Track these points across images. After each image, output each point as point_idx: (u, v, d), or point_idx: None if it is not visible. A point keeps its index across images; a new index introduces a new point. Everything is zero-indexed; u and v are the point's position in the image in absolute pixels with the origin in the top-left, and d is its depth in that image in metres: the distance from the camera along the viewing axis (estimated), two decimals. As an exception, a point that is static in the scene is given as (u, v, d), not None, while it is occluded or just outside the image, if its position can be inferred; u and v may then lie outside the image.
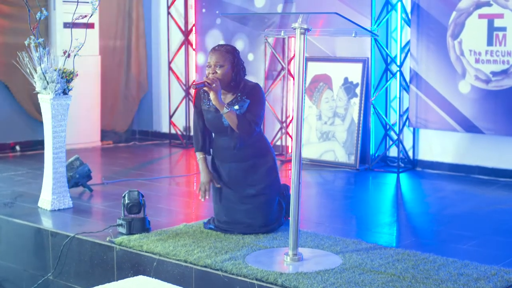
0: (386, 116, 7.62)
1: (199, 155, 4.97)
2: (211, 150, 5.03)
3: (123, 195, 4.97)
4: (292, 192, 4.27)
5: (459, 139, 7.20)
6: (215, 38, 8.81)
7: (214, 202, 4.99)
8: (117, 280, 3.83)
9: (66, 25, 8.56)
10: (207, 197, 4.90)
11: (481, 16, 6.85)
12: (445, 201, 6.07)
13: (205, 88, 4.68)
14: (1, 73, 8.50)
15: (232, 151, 4.86)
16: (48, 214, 5.53)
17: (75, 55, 5.57)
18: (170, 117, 9.36)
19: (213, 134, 5.00)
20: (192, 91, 9.16)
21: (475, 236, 4.89)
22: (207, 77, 4.70)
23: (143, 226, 4.89)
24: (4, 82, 8.55)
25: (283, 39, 8.15)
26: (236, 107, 4.74)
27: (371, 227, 5.19)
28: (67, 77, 5.58)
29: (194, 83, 4.69)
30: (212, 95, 4.64)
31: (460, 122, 7.01)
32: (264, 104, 4.86)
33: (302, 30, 4.19)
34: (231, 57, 4.76)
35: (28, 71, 5.57)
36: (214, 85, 4.61)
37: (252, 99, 4.78)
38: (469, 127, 6.96)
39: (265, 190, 4.85)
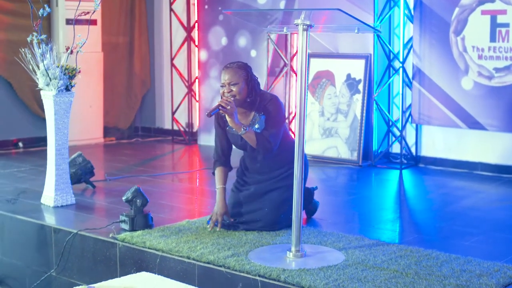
0: (388, 112, 7.61)
1: (219, 185, 4.89)
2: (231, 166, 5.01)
3: (130, 193, 4.92)
4: (294, 188, 4.27)
5: (462, 136, 7.20)
6: (217, 34, 8.80)
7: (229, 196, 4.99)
8: (120, 277, 3.83)
9: (68, 21, 8.55)
10: (217, 229, 4.82)
11: (484, 12, 6.84)
12: (448, 197, 6.06)
13: (221, 112, 4.61)
14: (3, 70, 8.50)
15: (257, 164, 4.87)
16: (51, 210, 5.53)
17: (77, 52, 5.57)
18: (173, 113, 9.36)
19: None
20: (195, 87, 9.17)
21: (478, 233, 4.89)
22: (221, 98, 4.65)
23: (146, 223, 4.88)
24: (6, 78, 8.55)
25: (286, 35, 8.15)
26: (257, 126, 4.72)
27: (373, 224, 5.18)
28: (69, 74, 5.58)
29: (208, 111, 4.62)
30: (228, 118, 4.59)
31: (463, 118, 7.00)
32: (282, 116, 4.80)
33: (304, 27, 4.18)
34: (244, 73, 4.70)
35: (30, 67, 5.57)
36: (229, 107, 4.56)
37: (269, 113, 4.74)
38: (472, 123, 6.95)
39: (280, 189, 4.83)
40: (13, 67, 7.93)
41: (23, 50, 5.53)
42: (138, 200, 4.87)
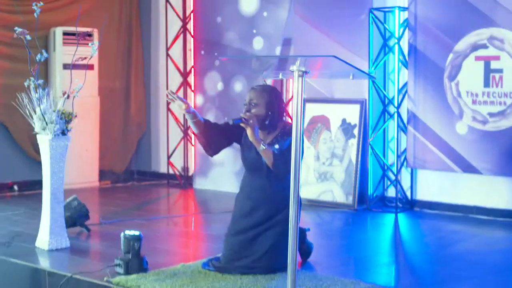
0: (384, 156, 7.64)
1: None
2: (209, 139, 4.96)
3: (121, 235, 4.93)
4: (290, 232, 4.25)
5: (457, 179, 7.20)
6: (213, 79, 8.86)
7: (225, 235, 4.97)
8: (114, 320, 3.81)
9: (65, 66, 8.61)
10: (169, 95, 4.84)
11: (477, 58, 6.91)
12: (444, 241, 6.05)
13: (241, 125, 4.67)
14: (0, 114, 8.52)
15: (265, 192, 4.84)
16: (45, 254, 5.50)
17: (74, 96, 5.59)
18: (168, 157, 9.37)
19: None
20: (191, 132, 9.20)
21: (473, 276, 4.87)
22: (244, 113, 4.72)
23: (141, 266, 4.86)
24: (3, 122, 8.57)
25: (282, 80, 8.20)
26: (276, 146, 4.74)
27: (369, 267, 5.17)
28: (66, 118, 5.59)
29: (232, 119, 4.70)
30: (248, 131, 4.65)
31: (457, 162, 7.02)
32: (302, 146, 4.85)
33: (300, 73, 4.21)
34: (266, 96, 4.77)
35: (27, 112, 5.59)
36: (251, 121, 4.63)
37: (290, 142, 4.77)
38: (466, 167, 6.97)
39: (275, 236, 4.81)
40: (10, 111, 7.93)
41: (20, 94, 5.55)
42: (136, 243, 4.86)
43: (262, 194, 4.88)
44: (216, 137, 4.98)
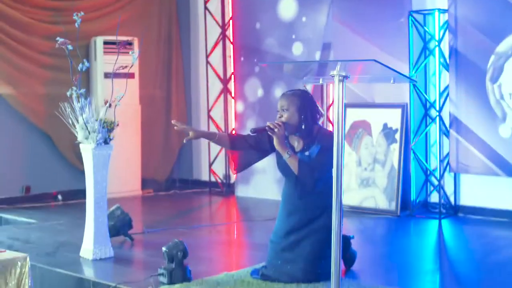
0: (426, 161, 7.55)
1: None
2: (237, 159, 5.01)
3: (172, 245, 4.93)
4: (333, 241, 4.22)
5: (501, 184, 7.09)
6: (254, 86, 8.87)
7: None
8: (158, 330, 3.82)
9: (107, 75, 8.67)
10: (176, 123, 5.02)
11: (520, 60, 6.81)
12: (489, 247, 5.97)
13: (269, 133, 4.68)
14: (44, 123, 8.63)
15: (295, 200, 4.84)
16: (89, 263, 5.55)
17: (116, 105, 5.63)
18: (210, 165, 9.39)
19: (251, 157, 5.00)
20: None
21: (520, 284, 4.80)
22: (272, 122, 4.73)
23: (184, 276, 4.87)
24: (46, 132, 8.67)
25: (322, 85, 8.17)
26: (307, 153, 4.73)
27: (413, 275, 5.12)
28: (108, 127, 5.64)
29: (253, 128, 4.72)
30: (275, 140, 4.66)
31: (501, 166, 6.91)
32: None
33: (340, 78, 4.18)
34: (296, 100, 4.74)
35: (70, 121, 5.64)
36: (276, 129, 4.63)
37: (323, 146, 4.74)
38: (511, 171, 6.86)
39: (315, 243, 4.77)
40: (52, 121, 8.02)
41: (62, 104, 5.60)
42: (179, 253, 4.87)
43: (293, 202, 4.87)
44: (243, 151, 4.99)
